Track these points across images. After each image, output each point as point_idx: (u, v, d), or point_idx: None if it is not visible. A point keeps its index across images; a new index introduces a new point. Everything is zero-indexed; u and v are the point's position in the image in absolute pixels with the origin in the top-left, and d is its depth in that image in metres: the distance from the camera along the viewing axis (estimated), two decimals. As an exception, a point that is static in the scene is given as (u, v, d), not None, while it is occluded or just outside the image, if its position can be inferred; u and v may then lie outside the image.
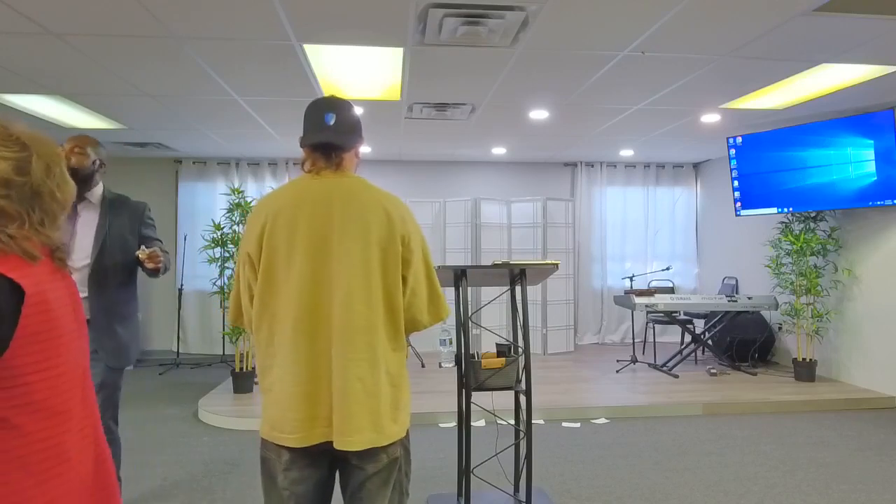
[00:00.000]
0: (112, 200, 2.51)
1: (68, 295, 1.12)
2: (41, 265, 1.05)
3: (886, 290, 4.98)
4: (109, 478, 1.17)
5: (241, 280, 1.55)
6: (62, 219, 1.13)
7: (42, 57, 3.50)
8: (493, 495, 2.99)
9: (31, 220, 1.06)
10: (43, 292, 1.02)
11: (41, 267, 1.05)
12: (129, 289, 2.50)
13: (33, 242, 1.05)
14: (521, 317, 2.76)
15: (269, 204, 1.51)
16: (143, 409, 4.86)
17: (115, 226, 2.44)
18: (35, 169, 1.06)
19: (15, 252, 1.01)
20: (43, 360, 1.02)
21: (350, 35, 3.22)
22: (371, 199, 1.52)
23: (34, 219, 1.06)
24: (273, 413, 1.49)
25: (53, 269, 1.09)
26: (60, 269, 1.12)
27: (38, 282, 1.02)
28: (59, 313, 1.06)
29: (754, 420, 4.50)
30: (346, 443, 1.44)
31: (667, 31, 3.16)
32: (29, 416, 0.99)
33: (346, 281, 1.46)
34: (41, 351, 1.01)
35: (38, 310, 1.01)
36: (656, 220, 7.84)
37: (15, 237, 1.02)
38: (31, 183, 1.06)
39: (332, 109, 1.56)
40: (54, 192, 1.10)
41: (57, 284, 1.08)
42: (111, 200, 2.51)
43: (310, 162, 1.56)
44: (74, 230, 2.39)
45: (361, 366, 1.46)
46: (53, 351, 1.04)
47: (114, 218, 2.45)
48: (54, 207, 1.10)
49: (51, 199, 1.09)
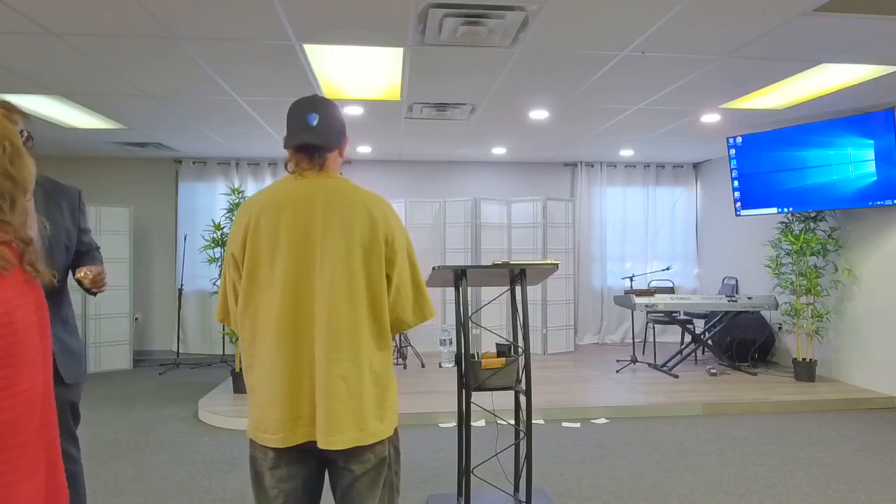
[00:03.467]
0: (49, 191, 2.01)
1: (36, 311, 1.00)
2: (12, 275, 0.94)
3: (886, 290, 4.98)
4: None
5: (227, 280, 1.56)
6: (23, 202, 0.99)
7: (42, 57, 3.50)
8: (493, 495, 2.99)
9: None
10: (10, 312, 0.92)
11: (11, 278, 0.94)
12: (66, 291, 2.10)
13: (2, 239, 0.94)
14: (521, 317, 2.76)
15: (253, 204, 1.52)
16: (143, 409, 4.86)
17: (56, 220, 2.00)
18: None
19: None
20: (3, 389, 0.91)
21: (350, 35, 3.22)
22: (354, 199, 1.52)
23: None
24: (256, 413, 1.49)
25: (23, 280, 0.97)
26: (30, 280, 0.99)
27: (7, 299, 0.91)
28: (24, 335, 0.95)
29: (754, 420, 4.50)
30: (329, 442, 1.44)
31: (667, 31, 3.16)
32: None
33: (329, 281, 1.46)
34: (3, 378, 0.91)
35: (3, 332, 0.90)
36: (656, 220, 7.83)
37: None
38: None
39: (315, 110, 1.55)
40: (7, 170, 0.96)
41: (26, 299, 0.97)
42: (48, 192, 2.00)
43: (293, 163, 1.56)
44: None
45: (345, 365, 1.46)
46: (14, 378, 0.92)
47: (53, 210, 2.00)
48: (10, 188, 0.96)
49: (4, 179, 0.95)
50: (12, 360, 0.92)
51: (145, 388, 5.62)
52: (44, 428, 1.01)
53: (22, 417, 0.94)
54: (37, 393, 0.98)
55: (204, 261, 5.65)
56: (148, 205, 7.24)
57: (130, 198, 7.12)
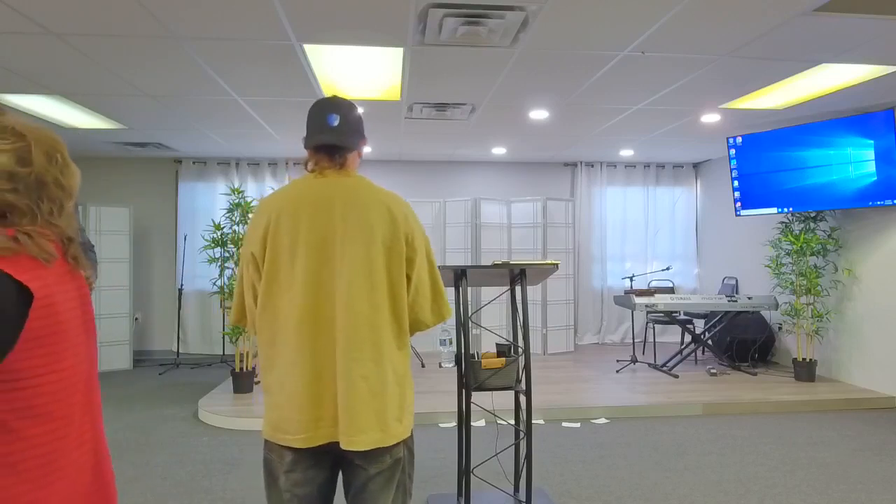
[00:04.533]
0: None
1: (78, 297, 1.09)
2: (54, 266, 1.03)
3: (886, 290, 4.98)
4: (108, 489, 1.14)
5: (244, 280, 1.55)
6: (69, 207, 1.09)
7: (42, 57, 3.50)
8: (493, 495, 2.99)
9: (41, 211, 1.02)
10: (51, 295, 1.00)
11: (54, 268, 1.02)
12: None
13: (48, 237, 1.02)
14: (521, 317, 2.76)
15: (273, 203, 1.51)
16: (143, 409, 4.86)
17: None
18: (36, 157, 1.02)
19: (30, 252, 0.98)
20: (46, 365, 0.99)
21: (350, 35, 3.22)
22: (374, 199, 1.52)
23: (43, 210, 1.03)
24: (276, 414, 1.48)
25: (65, 270, 1.06)
26: (73, 270, 1.09)
27: (48, 284, 1.00)
28: (66, 317, 1.03)
29: (754, 420, 4.50)
30: (351, 443, 1.43)
31: (667, 31, 3.16)
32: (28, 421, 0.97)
33: (349, 280, 1.45)
34: (45, 355, 0.99)
35: (45, 313, 0.98)
36: (656, 220, 7.84)
37: (33, 235, 0.99)
38: (35, 172, 1.02)
39: (335, 110, 1.56)
40: (59, 180, 1.06)
41: (67, 286, 1.05)
42: None
43: (313, 162, 1.57)
44: None
45: (366, 365, 1.45)
46: (58, 356, 1.01)
47: None
48: (61, 195, 1.07)
49: (56, 188, 1.05)
50: (55, 339, 1.01)
51: (145, 388, 5.62)
52: (88, 405, 1.10)
53: (65, 392, 1.03)
54: (81, 371, 1.07)
55: (204, 261, 5.64)
56: (148, 205, 7.24)
57: (130, 198, 7.12)
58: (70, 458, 1.03)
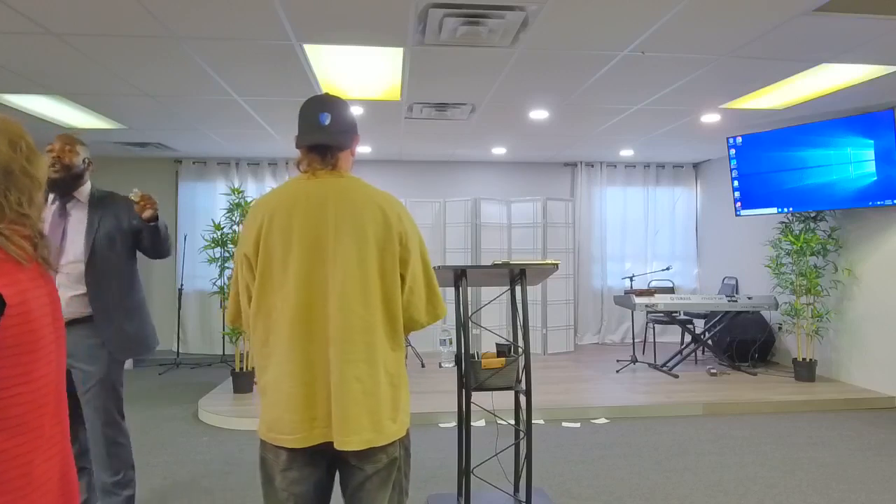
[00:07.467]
0: (100, 198, 2.54)
1: (49, 303, 1.05)
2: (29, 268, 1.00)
3: (886, 290, 4.98)
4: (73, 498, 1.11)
5: (239, 281, 1.55)
6: (39, 197, 1.06)
7: (42, 57, 3.50)
8: (493, 495, 2.99)
9: (9, 202, 0.99)
10: (26, 302, 0.97)
11: (28, 270, 0.99)
12: (129, 281, 2.53)
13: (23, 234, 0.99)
14: (521, 317, 2.76)
15: (265, 205, 1.51)
16: (143, 409, 4.86)
17: (105, 222, 2.46)
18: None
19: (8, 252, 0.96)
20: (21, 375, 0.96)
21: (350, 35, 3.22)
22: (367, 199, 1.52)
23: (11, 200, 0.99)
24: (270, 414, 1.48)
25: (37, 274, 1.03)
26: (44, 273, 1.05)
27: (22, 290, 0.96)
28: (39, 324, 1.00)
29: (754, 420, 4.50)
30: (345, 443, 1.44)
31: (667, 31, 3.16)
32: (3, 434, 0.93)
33: (343, 281, 1.45)
34: (20, 364, 0.96)
35: (19, 321, 0.95)
36: (656, 220, 7.84)
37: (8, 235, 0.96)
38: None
39: (327, 109, 1.55)
40: (26, 168, 1.03)
41: (40, 291, 1.02)
42: (99, 198, 2.53)
43: (305, 162, 1.56)
44: (66, 230, 2.38)
45: (359, 366, 1.45)
46: (32, 365, 0.98)
47: (103, 214, 2.47)
48: (29, 185, 1.03)
49: (23, 175, 1.02)
50: (30, 348, 0.98)
51: (145, 388, 5.62)
52: (58, 414, 1.07)
53: (40, 401, 1.01)
54: (51, 381, 1.05)
55: (204, 261, 5.64)
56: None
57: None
58: (41, 469, 1.01)
